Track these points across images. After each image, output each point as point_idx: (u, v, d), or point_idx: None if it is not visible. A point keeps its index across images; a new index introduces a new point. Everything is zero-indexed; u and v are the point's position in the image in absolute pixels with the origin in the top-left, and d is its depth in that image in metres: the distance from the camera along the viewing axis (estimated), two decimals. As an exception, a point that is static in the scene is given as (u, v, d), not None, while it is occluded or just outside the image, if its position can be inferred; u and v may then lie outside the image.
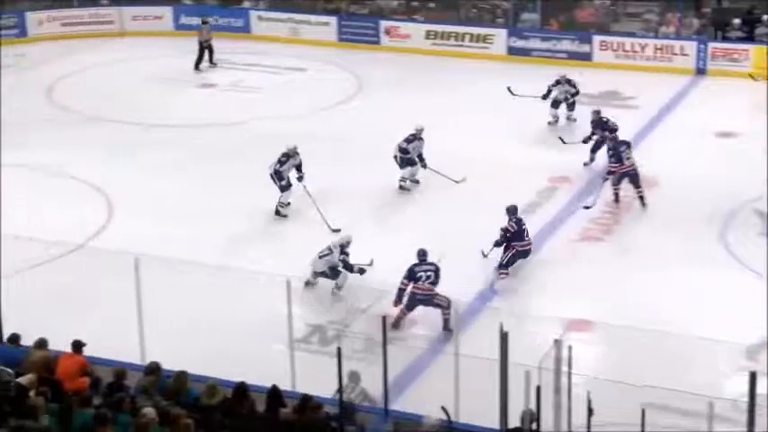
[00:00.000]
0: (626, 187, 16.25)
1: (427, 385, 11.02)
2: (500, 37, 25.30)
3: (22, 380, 9.24)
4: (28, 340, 10.44)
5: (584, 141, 17.87)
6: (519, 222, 14.03)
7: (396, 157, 16.74)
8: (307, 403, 9.12)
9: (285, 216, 15.92)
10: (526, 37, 25.15)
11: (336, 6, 27.55)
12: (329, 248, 13.54)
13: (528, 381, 7.62)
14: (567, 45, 24.79)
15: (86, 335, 10.31)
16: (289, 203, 16.11)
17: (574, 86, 19.72)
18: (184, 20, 27.69)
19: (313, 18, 26.81)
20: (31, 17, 26.66)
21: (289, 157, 15.98)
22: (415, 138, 16.78)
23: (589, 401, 8.29)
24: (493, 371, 7.98)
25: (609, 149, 16.49)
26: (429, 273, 12.58)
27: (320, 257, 13.51)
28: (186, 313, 12.49)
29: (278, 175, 15.86)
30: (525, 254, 14.04)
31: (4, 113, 20.53)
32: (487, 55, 25.06)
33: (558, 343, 7.93)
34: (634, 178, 16.15)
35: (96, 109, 21.24)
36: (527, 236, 14.08)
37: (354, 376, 10.10)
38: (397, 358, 10.47)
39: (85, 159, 18.29)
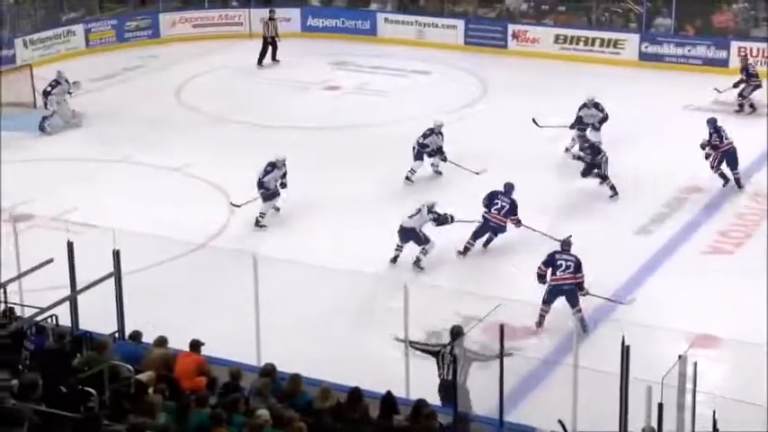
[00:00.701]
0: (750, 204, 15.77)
1: (544, 397, 10.88)
2: (632, 42, 24.84)
3: (142, 377, 9.45)
4: (149, 338, 10.68)
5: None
6: None
7: (414, 148, 17.42)
8: (420, 410, 9.09)
9: (264, 227, 15.76)
10: (659, 42, 24.62)
11: (464, 9, 27.48)
12: (417, 209, 14.40)
13: (649, 397, 7.43)
14: (702, 51, 24.15)
15: (204, 334, 10.49)
16: (277, 209, 16.10)
17: (601, 111, 18.40)
18: (312, 21, 28.06)
19: (440, 21, 26.82)
20: (164, 18, 27.36)
21: (274, 167, 15.93)
22: (433, 132, 17.46)
23: (714, 421, 8.04)
24: (613, 385, 7.83)
25: (710, 131, 16.86)
26: (570, 262, 12.59)
27: (409, 217, 14.32)
28: (303, 315, 12.63)
29: (261, 185, 15.81)
30: None
31: (135, 114, 21.19)
32: (618, 60, 24.64)
33: (682, 359, 7.73)
34: (732, 157, 16.60)
35: (223, 110, 21.68)
36: None
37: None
38: (514, 369, 10.33)
39: (210, 160, 18.67)
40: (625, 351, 8.74)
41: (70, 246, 11.04)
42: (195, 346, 10.34)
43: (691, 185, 17.13)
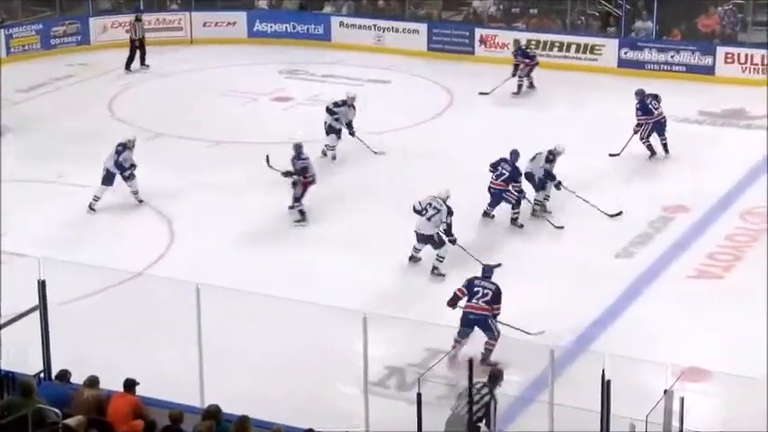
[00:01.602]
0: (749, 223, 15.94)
1: (518, 438, 10.90)
2: (610, 47, 25.13)
3: (71, 421, 9.36)
4: (78, 378, 10.58)
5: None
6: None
7: (325, 123, 19.10)
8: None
9: (94, 211, 17.19)
10: (640, 47, 24.91)
11: (427, 12, 27.66)
12: (434, 207, 14.76)
13: (632, 436, 7.47)
14: (686, 57, 24.47)
15: (141, 373, 10.42)
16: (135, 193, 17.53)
17: (533, 58, 23.02)
18: (259, 26, 28.11)
19: (401, 25, 26.97)
20: (95, 23, 27.26)
21: (126, 147, 17.39)
22: (345, 104, 19.17)
23: (702, 462, 8.09)
24: (593, 423, 7.86)
25: (637, 104, 18.78)
26: (487, 291, 12.67)
27: (428, 219, 14.75)
28: (251, 350, 12.58)
29: (119, 167, 17.25)
30: None
31: (66, 128, 21.04)
32: (596, 67, 24.91)
33: (668, 393, 7.78)
34: (661, 127, 18.73)
35: (162, 123, 21.60)
36: None
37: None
38: (485, 406, 10.36)
39: (147, 178, 18.57)
40: (606, 385, 8.80)
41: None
42: (130, 386, 10.27)
43: (676, 204, 17.29)
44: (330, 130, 19.31)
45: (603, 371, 8.81)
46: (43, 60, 26.19)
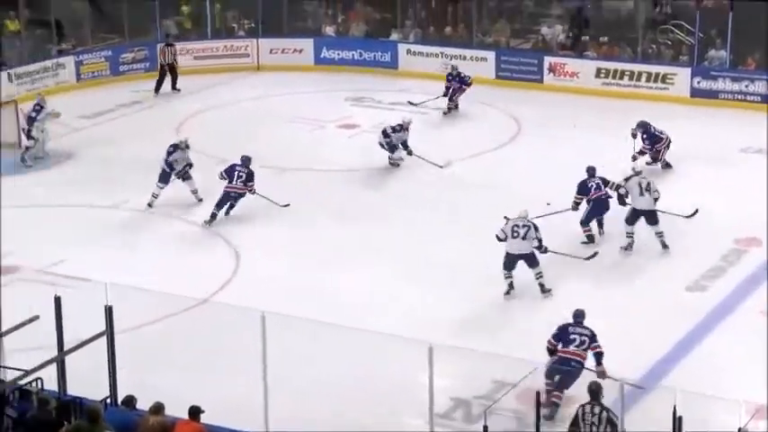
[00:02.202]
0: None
1: (587, 475, 10.78)
2: (682, 76, 24.95)
3: (136, 447, 9.47)
4: (144, 404, 10.70)
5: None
6: None
7: (381, 144, 20.26)
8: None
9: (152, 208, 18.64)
10: (713, 77, 24.71)
11: (495, 40, 27.69)
12: (524, 225, 15.23)
13: (705, 474, 7.38)
14: (761, 87, 24.22)
15: (206, 400, 10.50)
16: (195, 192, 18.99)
17: (468, 84, 24.05)
18: (326, 53, 28.33)
19: (468, 53, 27.01)
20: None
21: (177, 147, 18.84)
22: (402, 128, 20.36)
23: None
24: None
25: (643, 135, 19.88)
26: (584, 337, 12.44)
27: (524, 238, 15.15)
28: (316, 378, 12.62)
29: (170, 167, 18.75)
30: None
31: (131, 155, 21.34)
32: (667, 97, 24.73)
33: (742, 432, 7.69)
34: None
35: (229, 150, 21.77)
36: None
37: None
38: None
39: (211, 206, 18.76)
40: (677, 422, 8.71)
41: (58, 301, 11.11)
42: (195, 413, 10.35)
43: (749, 237, 17.09)
44: (390, 147, 20.35)
45: (675, 407, 8.73)
46: (112, 87, 26.61)
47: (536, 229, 15.21)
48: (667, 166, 19.97)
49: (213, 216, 18.06)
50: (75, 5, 28.17)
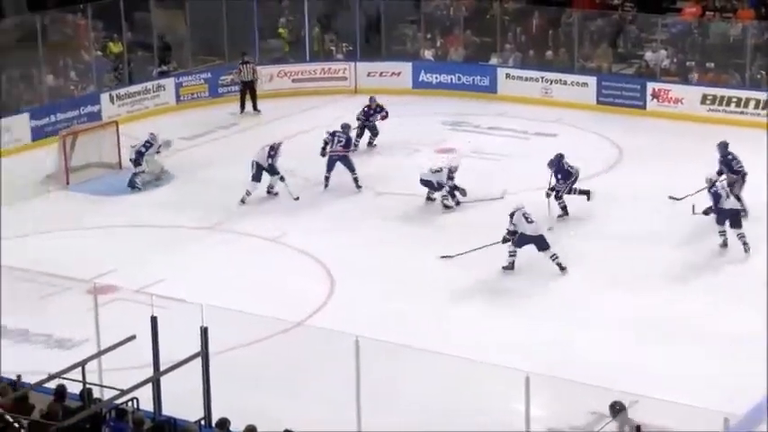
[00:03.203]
0: None
1: None
2: (792, 103, 24.51)
3: (229, 468, 9.57)
4: (237, 426, 10.82)
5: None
6: None
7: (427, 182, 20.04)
8: None
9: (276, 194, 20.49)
10: (823, 104, 24.23)
11: (597, 65, 27.49)
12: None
13: None
14: None
15: (299, 424, 10.58)
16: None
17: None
18: (424, 77, 28.42)
19: (569, 77, 26.88)
20: (261, 72, 27.95)
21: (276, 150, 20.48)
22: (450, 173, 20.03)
23: None
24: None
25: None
26: None
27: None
28: (409, 405, 12.63)
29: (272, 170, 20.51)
30: None
31: (227, 177, 21.64)
32: (776, 124, 24.28)
33: None
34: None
35: (322, 172, 21.99)
36: None
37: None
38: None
39: (309, 228, 18.96)
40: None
41: (154, 321, 11.30)
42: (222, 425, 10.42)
43: None
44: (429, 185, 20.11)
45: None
46: (210, 108, 27.02)
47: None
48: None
49: (327, 179, 20.92)
50: (176, 27, 28.75)
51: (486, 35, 28.83)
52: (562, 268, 16.99)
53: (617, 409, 10.80)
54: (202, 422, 11.21)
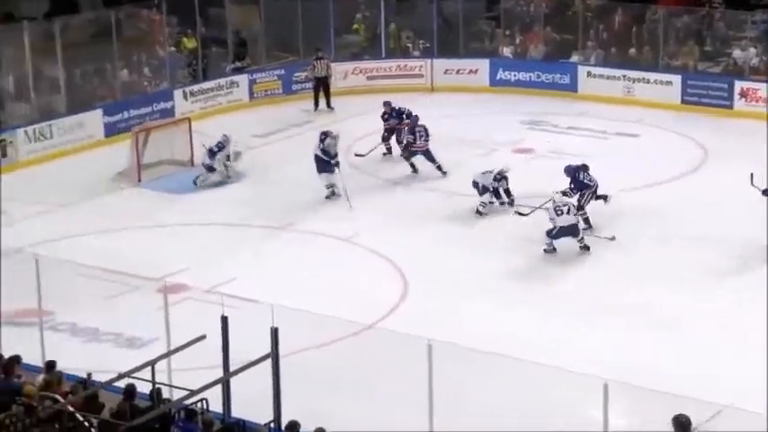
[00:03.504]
0: None
1: None
2: None
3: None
4: (307, 428, 10.87)
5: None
6: None
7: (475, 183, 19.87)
8: None
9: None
10: None
11: (682, 63, 27.17)
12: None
13: None
14: None
15: (369, 427, 10.61)
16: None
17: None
18: (502, 75, 28.32)
19: (652, 76, 26.60)
20: (336, 69, 28.04)
21: (327, 135, 20.50)
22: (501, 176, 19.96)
23: None
24: None
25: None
26: None
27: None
28: (483, 410, 12.60)
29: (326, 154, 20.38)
30: None
31: (300, 175, 21.75)
32: None
33: None
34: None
35: (399, 172, 22.04)
36: None
37: None
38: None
39: (383, 229, 19.00)
40: None
41: (225, 321, 11.40)
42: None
43: None
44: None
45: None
46: (284, 106, 27.22)
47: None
48: None
49: (414, 167, 21.77)
50: (250, 23, 28.98)
51: (567, 32, 28.66)
52: (586, 248, 17.77)
53: (682, 422, 10.52)
54: (272, 425, 11.27)
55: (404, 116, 22.87)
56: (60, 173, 22.58)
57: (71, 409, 10.85)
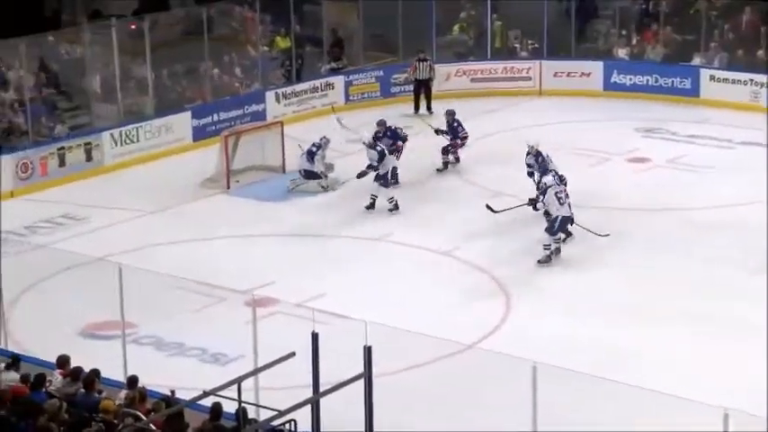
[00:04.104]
0: None
1: None
2: None
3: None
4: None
5: None
6: None
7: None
8: None
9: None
10: None
11: (816, 66, 26.70)
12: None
13: None
14: None
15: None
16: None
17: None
18: (617, 78, 28.11)
19: (782, 80, 26.20)
20: (439, 71, 28.08)
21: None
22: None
23: None
24: None
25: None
26: None
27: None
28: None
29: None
30: None
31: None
32: None
33: None
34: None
35: (503, 181, 21.95)
36: None
37: None
38: None
39: (486, 242, 18.96)
40: None
41: (315, 338, 11.45)
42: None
43: None
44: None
45: None
46: (382, 109, 27.21)
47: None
48: None
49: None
50: (347, 22, 29.15)
51: (688, 32, 28.35)
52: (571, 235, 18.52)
53: None
54: (363, 448, 11.32)
55: (400, 138, 22.49)
56: (146, 178, 22.98)
57: (153, 427, 11.01)
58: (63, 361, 12.62)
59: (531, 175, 20.25)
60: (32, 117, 23.21)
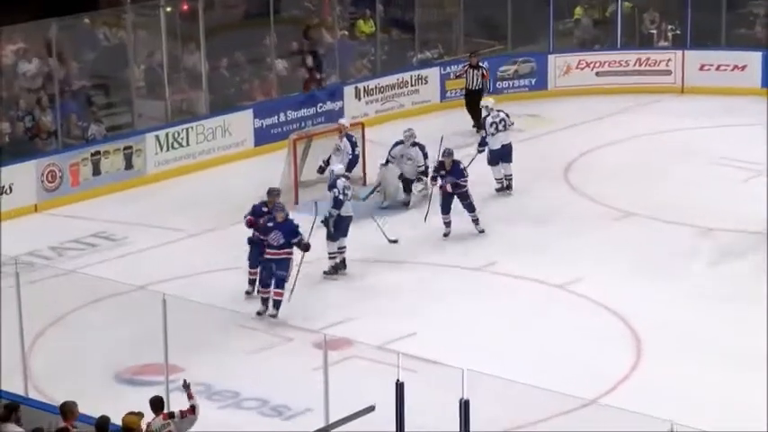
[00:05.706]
0: None
1: None
2: None
3: None
4: None
5: None
6: None
7: None
8: None
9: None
10: None
11: None
12: None
13: None
14: None
15: None
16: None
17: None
18: (783, 70, 27.87)
19: None
20: (554, 62, 28.07)
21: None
22: None
23: None
24: None
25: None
26: None
27: None
28: None
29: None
30: None
31: (497, 202, 21.80)
32: None
33: None
34: None
35: (631, 199, 21.85)
36: None
37: None
38: None
39: (609, 274, 18.87)
40: None
41: (400, 388, 11.48)
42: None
43: None
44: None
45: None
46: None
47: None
48: None
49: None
50: (443, 2, 29.20)
51: None
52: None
53: None
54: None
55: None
56: (197, 190, 23.18)
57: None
58: (67, 409, 12.38)
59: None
60: (62, 115, 23.48)
